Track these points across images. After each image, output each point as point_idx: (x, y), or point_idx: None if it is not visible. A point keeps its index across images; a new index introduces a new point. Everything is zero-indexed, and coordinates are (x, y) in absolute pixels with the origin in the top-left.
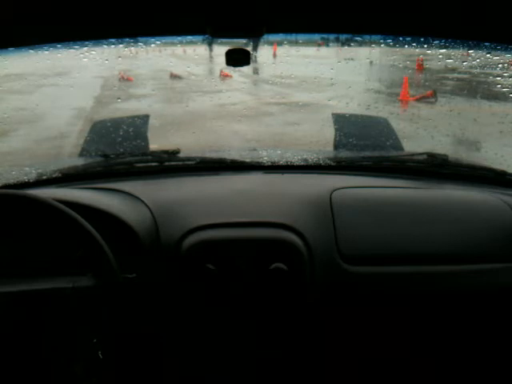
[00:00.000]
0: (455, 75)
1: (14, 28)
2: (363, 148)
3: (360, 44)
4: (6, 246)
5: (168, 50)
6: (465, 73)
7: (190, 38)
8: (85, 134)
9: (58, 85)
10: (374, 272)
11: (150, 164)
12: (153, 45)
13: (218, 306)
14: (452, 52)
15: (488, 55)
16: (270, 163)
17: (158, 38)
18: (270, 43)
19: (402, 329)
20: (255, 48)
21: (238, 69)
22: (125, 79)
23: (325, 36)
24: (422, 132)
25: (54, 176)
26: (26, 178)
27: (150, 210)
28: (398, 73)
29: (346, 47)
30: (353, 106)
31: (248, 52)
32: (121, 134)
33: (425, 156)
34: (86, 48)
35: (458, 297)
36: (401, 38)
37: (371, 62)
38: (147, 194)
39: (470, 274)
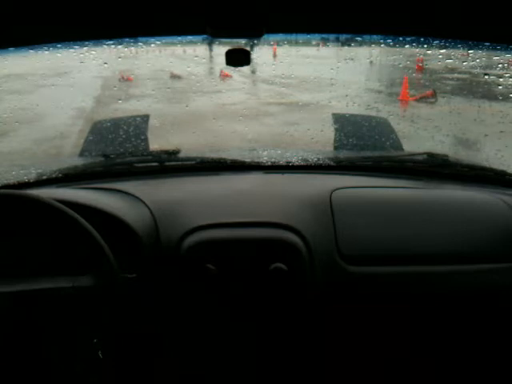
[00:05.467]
0: (455, 75)
1: (14, 28)
2: (363, 148)
3: (360, 44)
4: (6, 246)
5: (168, 50)
6: (465, 73)
7: (190, 38)
8: (85, 134)
9: (58, 85)
10: (373, 272)
11: (149, 164)
12: (153, 45)
13: (218, 306)
14: (452, 52)
15: (487, 56)
16: (269, 163)
17: (157, 38)
18: (270, 43)
19: (402, 329)
20: (252, 48)
21: (237, 69)
22: (125, 79)
23: (325, 36)
24: (422, 132)
25: (54, 176)
26: (26, 178)
27: (150, 210)
28: (397, 73)
29: (346, 47)
30: (353, 105)
31: (248, 52)
32: (121, 133)
33: (425, 156)
34: (86, 48)
35: (458, 297)
36: (401, 38)
37: (371, 62)
38: (147, 193)
39: (470, 274)
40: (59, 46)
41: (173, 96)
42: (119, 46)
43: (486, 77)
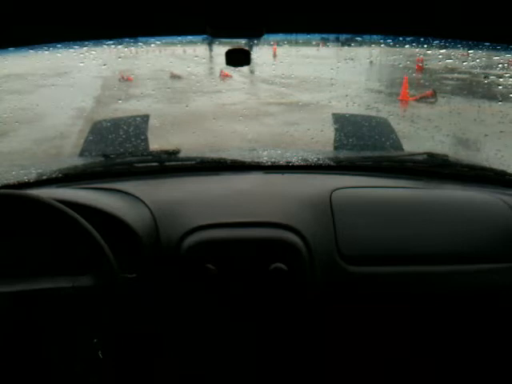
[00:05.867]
0: (455, 75)
1: (14, 28)
2: (363, 148)
3: (360, 44)
4: (6, 246)
5: (168, 50)
6: (465, 73)
7: (190, 38)
8: (85, 134)
9: (58, 85)
10: (373, 272)
11: (149, 164)
12: (153, 45)
13: (218, 306)
14: (452, 52)
15: (487, 56)
16: (269, 163)
17: (158, 38)
18: (270, 43)
19: (402, 329)
20: (251, 48)
21: (237, 69)
22: (125, 79)
23: (325, 36)
24: (422, 132)
25: (54, 176)
26: (26, 178)
27: (150, 210)
28: (397, 73)
29: (346, 47)
30: (353, 105)
31: (248, 52)
32: (121, 133)
33: (425, 156)
34: (86, 48)
35: (458, 297)
36: (401, 38)
37: (371, 62)
38: (147, 193)
39: (470, 274)
40: (59, 46)
41: (173, 96)
42: (119, 46)
43: (486, 80)
